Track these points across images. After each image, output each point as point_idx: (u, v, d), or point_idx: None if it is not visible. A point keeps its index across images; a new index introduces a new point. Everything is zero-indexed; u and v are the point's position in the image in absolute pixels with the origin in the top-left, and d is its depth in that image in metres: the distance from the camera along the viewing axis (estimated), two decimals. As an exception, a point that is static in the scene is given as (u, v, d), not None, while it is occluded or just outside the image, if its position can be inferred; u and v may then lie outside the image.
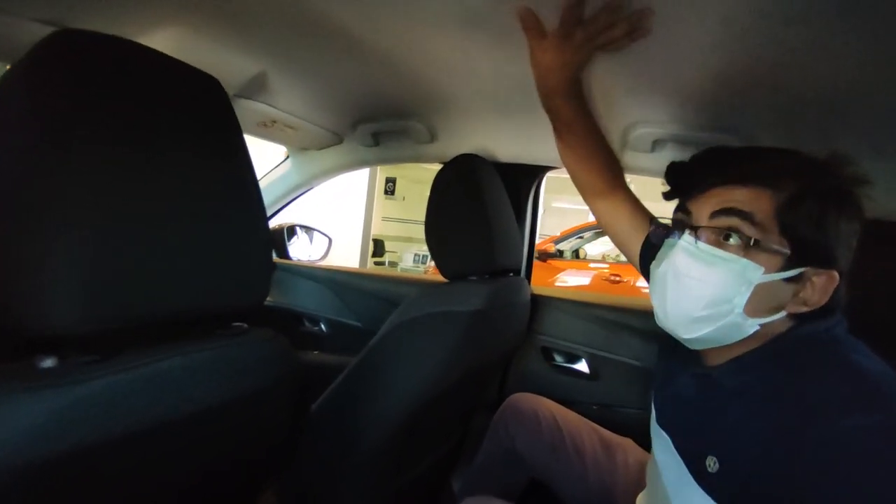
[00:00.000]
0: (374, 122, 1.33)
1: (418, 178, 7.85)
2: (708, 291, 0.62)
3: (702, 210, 0.65)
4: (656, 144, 1.08)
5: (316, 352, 1.72)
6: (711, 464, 0.62)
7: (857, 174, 0.62)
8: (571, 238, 5.23)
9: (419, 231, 1.28)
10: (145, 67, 0.49)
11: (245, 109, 1.19)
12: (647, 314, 1.30)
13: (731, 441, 0.61)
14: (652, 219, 0.90)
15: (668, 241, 0.69)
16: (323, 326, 1.74)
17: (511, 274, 1.22)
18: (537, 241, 1.52)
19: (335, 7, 0.77)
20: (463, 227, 1.02)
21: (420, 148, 1.38)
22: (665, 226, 0.72)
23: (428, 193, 1.07)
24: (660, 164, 1.12)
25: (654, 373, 1.27)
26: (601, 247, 5.67)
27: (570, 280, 4.77)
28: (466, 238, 1.02)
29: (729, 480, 0.60)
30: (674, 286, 0.65)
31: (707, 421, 0.66)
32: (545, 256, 4.87)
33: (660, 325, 0.70)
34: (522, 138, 1.24)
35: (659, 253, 0.71)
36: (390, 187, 8.24)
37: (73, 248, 0.40)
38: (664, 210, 0.81)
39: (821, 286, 0.61)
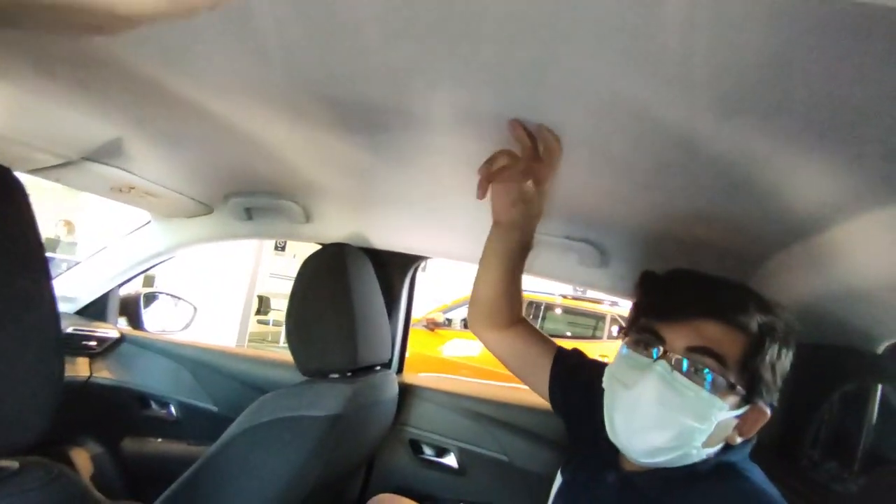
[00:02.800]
0: (247, 197, 1.26)
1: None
2: (676, 424, 0.62)
3: (677, 340, 0.64)
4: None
5: (160, 440, 1.52)
6: None
7: (791, 317, 0.67)
8: (461, 307, 5.30)
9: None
10: None
11: (96, 174, 1.07)
12: (516, 408, 1.32)
13: None
14: (558, 348, 0.91)
15: (636, 358, 0.68)
16: (173, 410, 1.54)
17: (378, 367, 1.17)
18: (431, 307, 1.50)
19: (198, 91, 0.72)
20: (325, 321, 0.97)
21: (295, 227, 1.32)
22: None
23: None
24: (528, 264, 1.16)
25: (521, 469, 1.27)
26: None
27: (457, 350, 4.78)
28: (328, 332, 0.97)
29: None
30: (645, 413, 0.64)
31: None
32: (433, 325, 4.88)
33: (611, 438, 0.68)
34: (396, 227, 1.24)
35: (622, 369, 0.69)
36: (281, 243, 7.93)
37: None
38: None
39: (754, 420, 0.65)
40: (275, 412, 0.87)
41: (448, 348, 4.76)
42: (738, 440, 0.66)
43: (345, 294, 0.98)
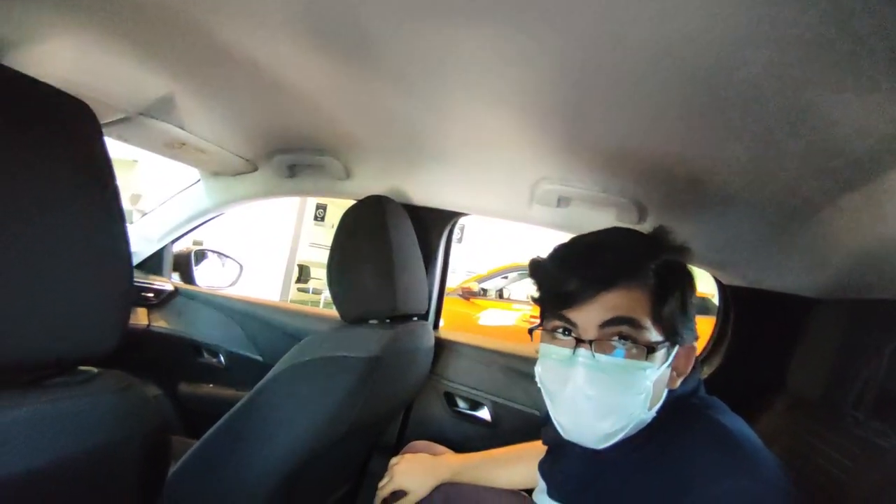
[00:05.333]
0: (290, 154, 1.31)
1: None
2: (617, 406, 0.63)
3: (588, 320, 0.64)
4: (561, 201, 1.13)
5: (211, 385, 1.62)
6: None
7: (684, 245, 0.68)
8: (496, 277, 5.32)
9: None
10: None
11: (151, 129, 1.14)
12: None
13: None
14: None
15: (557, 350, 0.68)
16: (222, 359, 1.64)
17: (415, 318, 1.21)
18: (464, 277, 1.53)
19: (245, 38, 0.75)
20: (365, 269, 1.00)
21: (336, 184, 1.36)
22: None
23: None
24: (566, 220, 1.17)
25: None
26: (525, 288, 5.81)
27: (493, 319, 4.82)
28: (368, 281, 1.01)
29: None
30: (586, 409, 0.65)
31: (594, 491, 0.69)
32: (469, 294, 4.92)
33: (568, 438, 0.69)
34: (435, 183, 1.26)
35: (548, 366, 0.70)
36: (320, 213, 8.09)
37: None
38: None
39: (685, 357, 0.67)
40: (317, 352, 0.92)
41: (484, 317, 4.80)
42: (679, 381, 0.67)
43: (384, 242, 1.01)
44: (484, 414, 1.38)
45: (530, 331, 0.75)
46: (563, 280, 0.66)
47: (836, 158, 0.70)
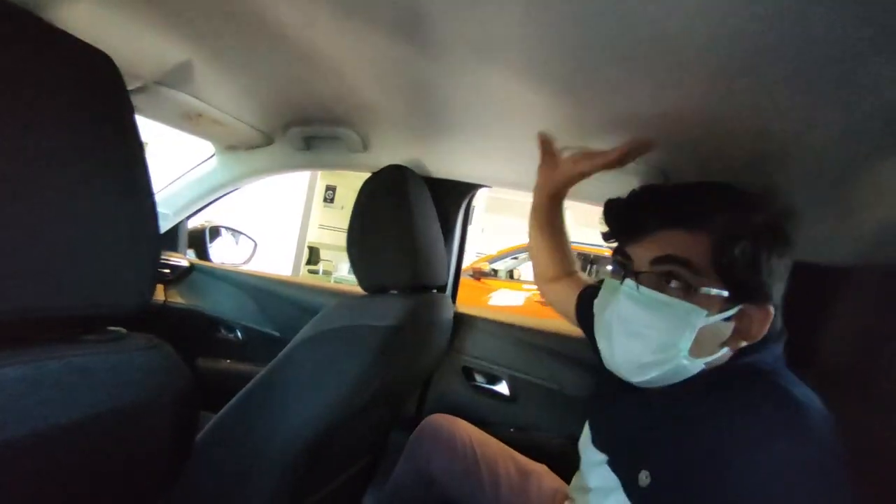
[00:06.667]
0: (307, 126, 1.29)
1: (359, 188, 7.73)
2: (653, 337, 0.63)
3: (642, 256, 0.66)
4: None
5: (229, 360, 1.62)
6: (643, 478, 0.63)
7: (787, 208, 0.65)
8: (506, 258, 5.32)
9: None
10: (21, 35, 0.43)
11: (167, 99, 1.12)
12: (566, 338, 1.33)
13: (664, 458, 0.63)
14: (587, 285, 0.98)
15: (611, 283, 0.70)
16: (239, 334, 1.65)
17: (434, 290, 1.20)
18: (474, 258, 1.53)
19: (272, 2, 0.73)
20: (386, 238, 1.00)
21: (352, 156, 1.35)
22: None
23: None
24: (587, 189, 1.15)
25: (572, 397, 1.30)
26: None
27: (503, 300, 4.83)
28: (389, 250, 1.00)
29: (659, 495, 0.62)
30: (619, 332, 0.66)
31: (641, 438, 0.68)
32: (479, 275, 4.92)
33: (607, 367, 0.71)
34: (454, 155, 1.24)
35: (601, 296, 0.72)
36: (330, 195, 8.07)
37: None
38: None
39: (758, 321, 0.64)
40: (339, 321, 0.91)
41: (495, 298, 4.81)
42: (744, 343, 0.65)
43: (404, 211, 1.00)
44: (502, 388, 1.38)
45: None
46: (629, 216, 0.70)
47: (870, 121, 0.67)
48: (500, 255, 5.31)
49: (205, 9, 0.79)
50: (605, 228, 0.76)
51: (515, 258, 5.28)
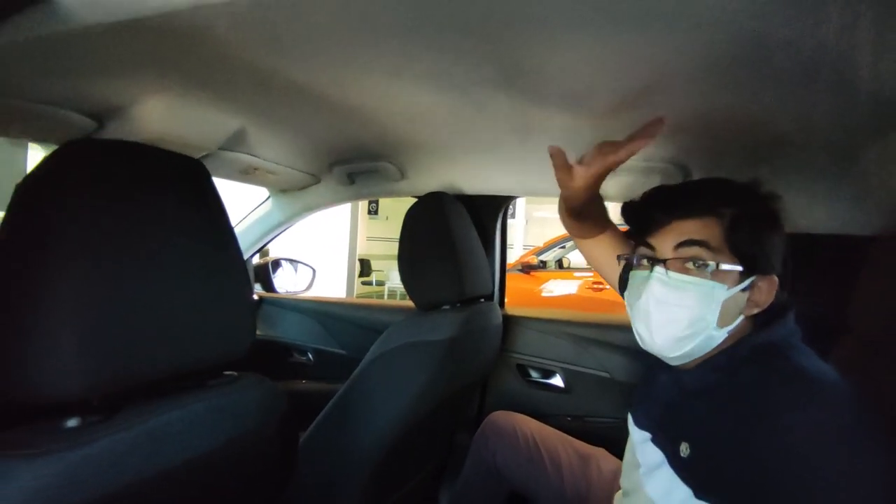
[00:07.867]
0: (349, 164, 1.42)
1: (400, 198, 7.89)
2: (686, 313, 0.73)
3: (664, 244, 0.76)
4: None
5: (304, 381, 1.79)
6: (684, 449, 0.73)
7: (772, 193, 0.77)
8: (554, 248, 5.32)
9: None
10: (134, 160, 0.57)
11: (229, 160, 1.27)
12: (613, 328, 1.41)
13: (700, 431, 0.73)
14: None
15: (639, 274, 0.79)
16: (310, 356, 1.81)
17: (482, 300, 1.31)
18: (521, 252, 1.61)
19: (304, 71, 0.85)
20: (432, 260, 1.11)
21: (392, 185, 1.47)
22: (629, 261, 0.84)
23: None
24: (612, 190, 1.21)
25: (622, 383, 1.38)
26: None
27: (556, 289, 4.82)
28: (436, 270, 1.11)
29: (699, 464, 0.72)
30: (656, 313, 0.75)
31: (679, 414, 0.78)
32: (528, 268, 4.96)
33: (646, 348, 0.80)
34: (484, 172, 1.34)
35: (631, 287, 0.82)
36: (373, 207, 8.33)
37: (73, 320, 0.46)
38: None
39: (766, 290, 0.74)
40: (400, 339, 1.04)
41: (546, 289, 4.83)
42: (756, 310, 0.75)
43: (445, 234, 1.11)
44: (557, 381, 1.47)
45: (620, 258, 0.89)
46: (647, 212, 0.79)
47: (887, 90, 0.69)
48: (546, 247, 5.33)
49: (254, 86, 0.93)
50: (627, 226, 0.87)
51: (563, 247, 5.27)
